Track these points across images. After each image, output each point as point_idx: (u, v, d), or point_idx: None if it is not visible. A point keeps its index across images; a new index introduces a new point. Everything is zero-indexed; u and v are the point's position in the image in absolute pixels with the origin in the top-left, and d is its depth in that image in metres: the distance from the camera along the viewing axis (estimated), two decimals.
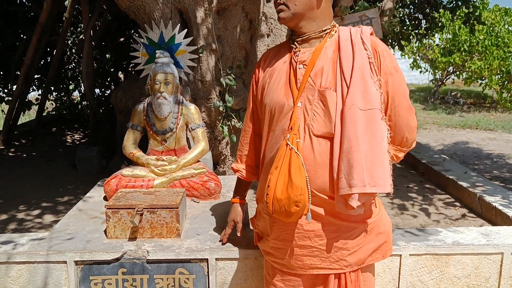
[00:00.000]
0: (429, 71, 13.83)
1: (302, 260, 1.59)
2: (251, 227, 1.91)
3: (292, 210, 1.47)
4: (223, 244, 2.10)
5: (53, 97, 8.03)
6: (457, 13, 6.49)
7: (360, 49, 1.52)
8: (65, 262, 2.06)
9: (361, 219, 1.58)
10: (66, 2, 5.84)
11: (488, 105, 12.09)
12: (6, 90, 6.97)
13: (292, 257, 1.60)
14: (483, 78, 11.45)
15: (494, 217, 3.07)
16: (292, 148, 1.49)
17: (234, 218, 1.98)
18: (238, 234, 2.00)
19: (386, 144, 1.51)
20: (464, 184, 3.60)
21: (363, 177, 1.43)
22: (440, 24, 6.11)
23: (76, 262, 2.07)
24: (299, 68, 1.57)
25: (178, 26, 3.35)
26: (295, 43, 1.62)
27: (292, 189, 1.46)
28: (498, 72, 10.84)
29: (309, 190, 1.47)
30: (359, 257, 1.58)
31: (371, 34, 1.58)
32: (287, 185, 1.47)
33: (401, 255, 2.17)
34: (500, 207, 3.01)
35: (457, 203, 3.60)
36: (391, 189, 1.48)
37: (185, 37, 3.37)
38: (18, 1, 6.59)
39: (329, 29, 1.59)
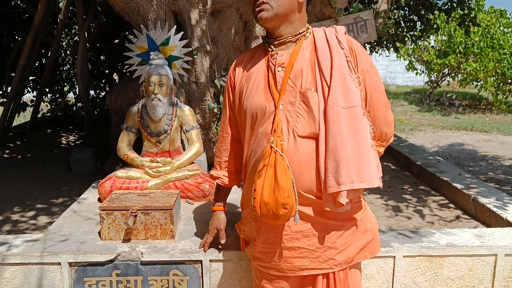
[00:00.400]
0: (425, 73, 13.88)
1: (291, 262, 1.60)
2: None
3: (280, 213, 1.48)
4: (204, 251, 2.09)
5: (47, 98, 8.00)
6: (452, 15, 6.52)
7: (337, 48, 1.56)
8: (59, 263, 2.06)
9: (348, 217, 1.60)
10: (61, 4, 5.83)
11: (483, 107, 12.15)
12: (0, 92, 6.94)
13: (281, 259, 1.61)
14: (478, 80, 11.50)
15: (488, 219, 3.08)
16: (276, 150, 1.50)
17: (217, 226, 1.98)
18: (223, 241, 2.01)
19: (370, 140, 1.54)
20: (459, 186, 3.61)
21: (351, 173, 1.45)
22: (435, 26, 6.13)
23: (70, 264, 2.06)
24: (278, 71, 1.59)
25: (174, 28, 3.34)
26: (271, 46, 1.63)
27: (279, 192, 1.47)
28: (493, 74, 10.88)
29: (296, 191, 1.49)
30: (348, 255, 1.60)
31: (345, 33, 1.62)
32: (273, 188, 1.48)
33: (395, 256, 2.17)
34: (494, 209, 3.02)
35: (452, 205, 3.61)
36: (379, 183, 1.51)
37: (180, 39, 3.37)
38: (12, 3, 6.57)
39: (304, 31, 1.62)
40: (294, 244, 1.59)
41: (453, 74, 12.69)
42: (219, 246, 2.09)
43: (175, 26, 3.47)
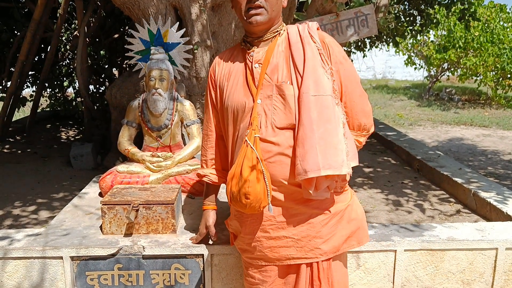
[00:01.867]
0: (424, 68, 13.86)
1: (278, 251, 1.64)
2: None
3: (243, 202, 1.54)
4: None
5: (47, 93, 7.98)
6: (452, 10, 6.50)
7: (309, 42, 1.63)
8: (61, 257, 2.07)
9: (331, 206, 1.63)
10: None
11: (483, 101, 12.14)
12: (0, 87, 6.92)
13: (267, 249, 1.65)
14: (478, 75, 11.48)
15: (488, 213, 3.09)
16: (248, 143, 1.56)
17: (207, 224, 1.99)
18: (213, 239, 2.03)
19: (342, 129, 1.58)
20: (459, 180, 3.61)
21: (317, 161, 1.49)
22: (435, 21, 6.12)
23: (72, 258, 2.07)
24: (255, 67, 1.65)
25: (176, 25, 3.33)
26: (248, 44, 1.70)
27: (241, 182, 1.54)
28: (493, 68, 10.87)
29: (267, 183, 1.53)
30: (333, 244, 1.63)
31: (317, 29, 1.69)
32: (238, 179, 1.55)
33: (396, 250, 2.18)
34: (495, 203, 3.02)
35: (452, 199, 3.62)
36: (347, 171, 1.54)
37: (181, 34, 3.36)
38: None
39: (280, 29, 1.69)
40: (280, 234, 1.63)
41: (452, 69, 12.68)
42: (209, 242, 2.09)
43: (177, 22, 3.46)
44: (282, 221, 1.62)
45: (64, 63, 7.32)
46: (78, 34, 5.47)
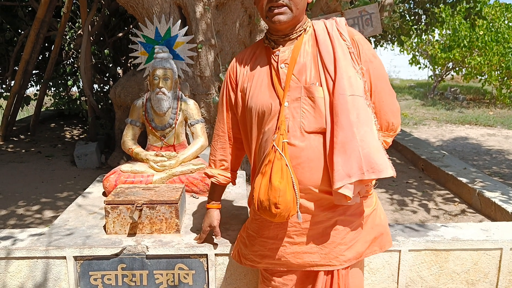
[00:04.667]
0: (429, 67, 13.81)
1: (302, 257, 1.59)
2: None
3: (273, 211, 1.47)
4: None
5: (51, 92, 8.00)
6: (458, 9, 6.46)
7: (338, 40, 1.54)
8: (64, 257, 2.06)
9: (357, 212, 1.59)
10: None
11: (488, 101, 12.08)
12: (4, 86, 6.94)
13: (291, 255, 1.60)
14: (483, 74, 11.43)
15: (493, 213, 3.07)
16: (276, 149, 1.49)
17: (211, 223, 1.97)
18: (218, 238, 2.01)
19: (376, 131, 1.53)
20: (464, 180, 3.60)
21: (361, 164, 1.44)
22: (440, 20, 6.09)
23: (76, 258, 2.07)
24: (281, 68, 1.57)
25: (178, 22, 3.33)
26: (272, 42, 1.61)
27: (271, 191, 1.47)
28: (498, 68, 10.82)
29: (296, 191, 1.48)
30: (357, 250, 1.59)
31: (346, 24, 1.61)
32: (267, 187, 1.48)
33: (400, 250, 2.17)
34: (500, 203, 3.01)
35: (457, 199, 3.60)
36: (393, 173, 1.49)
37: (184, 32, 3.35)
38: None
39: (306, 25, 1.60)
40: (304, 240, 1.58)
41: (457, 68, 12.63)
42: (214, 241, 2.08)
43: (180, 20, 3.45)
44: (307, 228, 1.58)
45: (68, 62, 7.33)
46: (82, 33, 5.47)
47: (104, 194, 2.87)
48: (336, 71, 1.49)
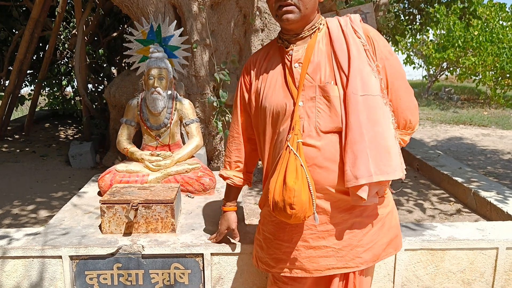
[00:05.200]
0: (423, 67, 13.87)
1: (317, 261, 1.56)
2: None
3: (288, 212, 1.45)
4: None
5: (45, 92, 7.96)
6: (452, 8, 6.49)
7: (353, 38, 1.52)
8: (60, 257, 2.05)
9: (374, 214, 1.57)
10: None
11: (482, 101, 12.14)
12: None
13: (306, 259, 1.57)
14: (477, 74, 11.49)
15: (489, 212, 3.09)
16: (291, 150, 1.47)
17: (229, 226, 1.96)
18: (237, 240, 2.01)
19: (393, 130, 1.50)
20: (459, 180, 3.61)
21: (369, 166, 1.42)
22: (435, 19, 6.11)
23: (71, 257, 2.06)
24: (294, 67, 1.55)
25: (174, 23, 3.32)
26: (285, 42, 1.59)
27: (286, 192, 1.44)
28: (492, 68, 10.87)
29: (312, 191, 1.45)
30: (374, 252, 1.57)
31: (360, 21, 1.58)
32: (282, 188, 1.46)
33: None
34: (495, 202, 3.02)
35: (452, 198, 3.61)
36: (402, 175, 1.47)
37: (179, 32, 3.35)
38: None
39: (319, 23, 1.58)
40: (320, 243, 1.55)
41: (451, 68, 12.69)
42: (234, 242, 2.08)
43: (175, 21, 3.45)
44: (323, 230, 1.55)
45: (62, 62, 7.30)
46: (76, 33, 5.45)
47: (99, 193, 2.86)
48: (350, 69, 1.47)
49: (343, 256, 1.55)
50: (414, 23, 6.09)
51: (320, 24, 1.58)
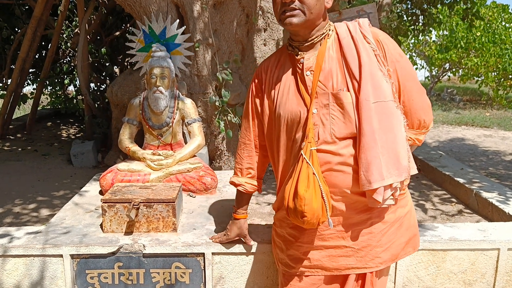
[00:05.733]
0: (425, 68, 13.85)
1: (337, 261, 1.59)
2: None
3: (300, 219, 1.49)
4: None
5: (47, 91, 7.97)
6: (455, 9, 6.47)
7: (363, 44, 1.52)
8: (61, 255, 2.06)
9: (392, 213, 1.59)
10: None
11: (484, 102, 12.12)
12: (1, 84, 6.91)
13: (326, 258, 1.60)
14: (479, 75, 11.46)
15: (490, 213, 3.08)
16: (304, 158, 1.50)
17: (240, 233, 1.98)
18: (251, 244, 2.04)
19: (404, 133, 1.52)
20: (461, 180, 3.60)
21: (382, 171, 1.44)
22: (438, 20, 6.10)
23: (72, 256, 2.06)
24: (306, 75, 1.56)
25: (176, 22, 3.32)
26: (296, 49, 1.60)
27: (297, 200, 1.48)
28: (495, 69, 10.84)
29: (325, 199, 1.47)
30: (393, 252, 1.59)
31: (369, 25, 1.58)
32: (293, 196, 1.49)
33: None
34: (497, 203, 3.01)
35: (454, 199, 3.60)
36: (405, 176, 1.49)
37: (181, 30, 3.35)
38: None
39: (327, 29, 1.58)
40: (340, 243, 1.58)
41: (454, 69, 12.66)
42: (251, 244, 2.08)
43: (178, 20, 3.45)
44: (342, 230, 1.57)
45: (65, 61, 7.30)
46: (79, 32, 5.46)
47: (101, 192, 2.86)
48: (361, 75, 1.48)
49: (362, 256, 1.57)
50: (416, 23, 6.08)
51: (329, 30, 1.58)
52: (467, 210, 3.37)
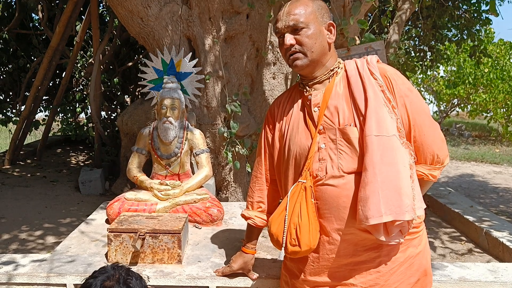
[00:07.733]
0: (434, 103, 13.88)
1: None
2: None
3: (290, 250, 1.58)
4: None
5: (59, 118, 8.09)
6: (463, 46, 6.55)
7: (369, 80, 1.54)
8: (65, 285, 2.04)
9: (402, 252, 1.55)
10: (78, 27, 5.96)
11: (494, 138, 12.06)
12: (14, 110, 7.04)
13: None
14: (488, 111, 11.46)
15: (501, 253, 3.02)
16: (301, 192, 1.57)
17: (244, 268, 1.98)
18: (255, 278, 2.02)
19: (408, 170, 1.49)
20: (471, 218, 3.55)
21: (380, 207, 1.41)
22: (445, 56, 6.17)
23: (76, 286, 2.04)
24: (314, 111, 1.60)
25: (189, 55, 3.40)
26: (306, 87, 1.65)
27: (288, 234, 1.58)
28: (503, 105, 10.85)
29: (285, 232, 1.57)
30: None
31: (377, 61, 1.60)
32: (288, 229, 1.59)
33: None
34: (508, 243, 2.95)
35: (463, 238, 3.55)
36: (412, 216, 1.44)
37: (193, 63, 3.41)
38: (31, 25, 6.73)
39: (336, 67, 1.62)
40: (348, 281, 1.55)
41: (462, 105, 12.68)
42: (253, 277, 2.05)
43: (190, 53, 3.52)
44: (350, 269, 1.55)
45: (77, 89, 7.45)
46: (93, 62, 5.58)
47: (107, 221, 2.86)
48: (367, 111, 1.49)
49: None
50: (424, 59, 6.15)
51: (338, 68, 1.62)
52: (477, 249, 3.30)
